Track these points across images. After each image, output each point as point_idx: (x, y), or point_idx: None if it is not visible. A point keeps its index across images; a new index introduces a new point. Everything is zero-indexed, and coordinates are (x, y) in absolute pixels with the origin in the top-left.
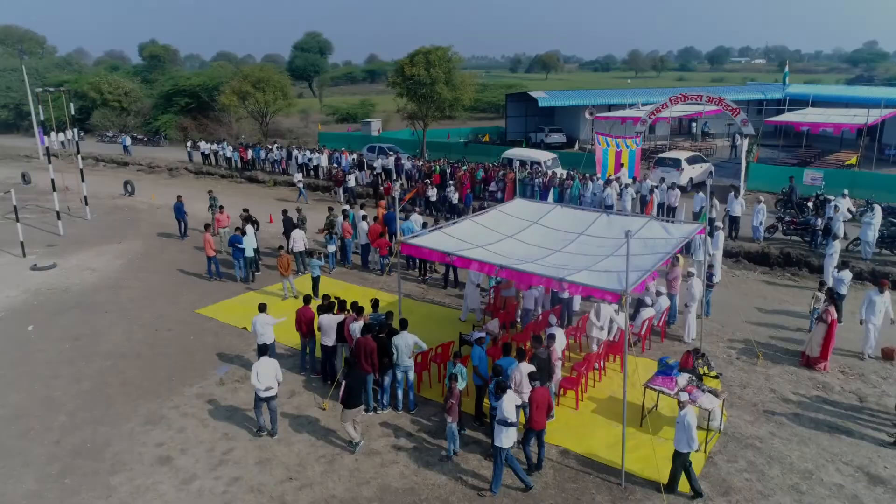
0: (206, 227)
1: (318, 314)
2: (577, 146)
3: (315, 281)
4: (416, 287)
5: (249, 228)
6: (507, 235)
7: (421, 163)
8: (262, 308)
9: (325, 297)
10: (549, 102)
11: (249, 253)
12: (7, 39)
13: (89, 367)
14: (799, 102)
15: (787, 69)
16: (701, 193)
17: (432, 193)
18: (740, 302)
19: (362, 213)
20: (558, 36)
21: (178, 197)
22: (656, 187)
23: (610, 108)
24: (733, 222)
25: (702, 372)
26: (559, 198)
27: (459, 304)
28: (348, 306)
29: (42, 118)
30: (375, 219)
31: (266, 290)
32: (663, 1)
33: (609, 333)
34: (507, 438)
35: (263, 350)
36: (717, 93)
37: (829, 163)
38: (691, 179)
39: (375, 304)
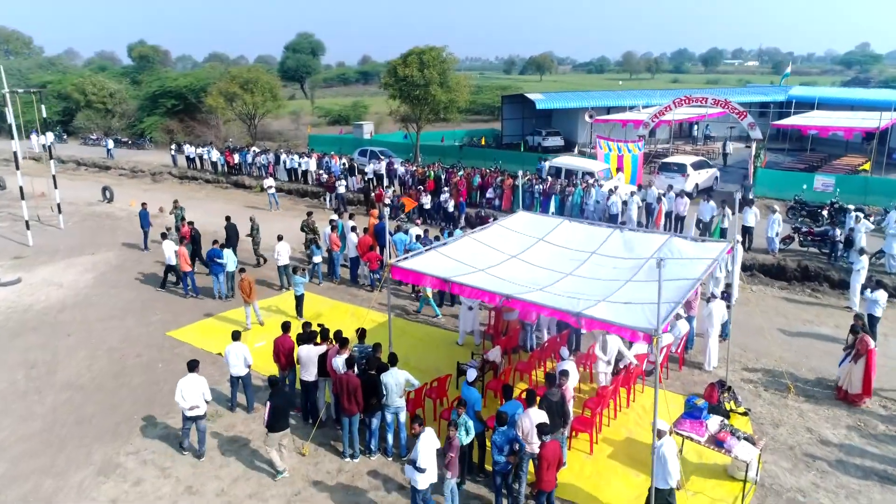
0: (182, 240)
1: (298, 344)
2: (576, 150)
3: (299, 300)
4: (408, 304)
5: (168, 244)
6: (511, 255)
7: (414, 168)
8: (236, 336)
9: (306, 324)
10: (546, 104)
11: (231, 268)
12: None
13: (42, 402)
14: (801, 105)
15: (787, 71)
16: (711, 202)
17: (426, 201)
18: (761, 322)
19: (351, 223)
20: (552, 37)
21: (143, 204)
22: (664, 195)
23: (609, 110)
24: (746, 233)
25: (728, 408)
26: (560, 206)
27: (456, 324)
28: (331, 335)
29: (14, 121)
30: (366, 230)
31: (225, 317)
32: (655, 3)
33: (620, 364)
34: (422, 480)
35: (193, 366)
36: (721, 95)
37: (837, 168)
38: (697, 185)
39: (362, 334)
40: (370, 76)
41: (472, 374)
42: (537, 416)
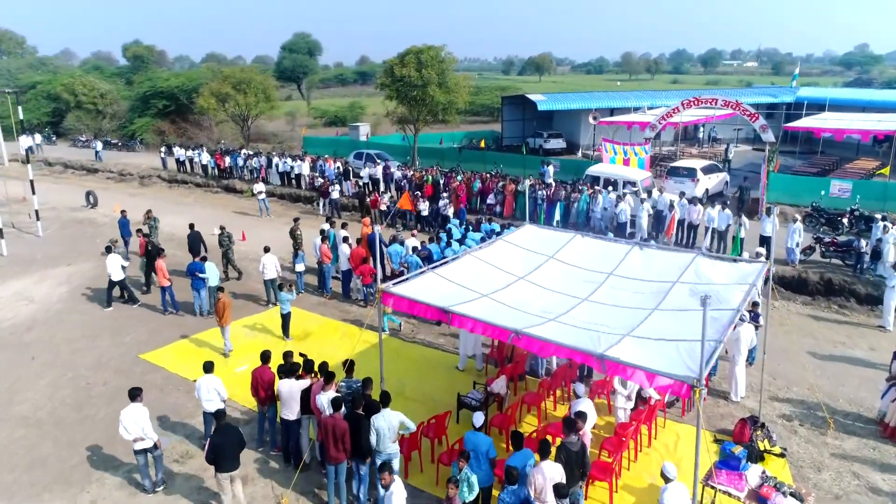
0: (160, 252)
1: (279, 376)
2: (580, 153)
3: (285, 318)
4: (404, 322)
5: (113, 258)
6: (518, 277)
7: (411, 172)
8: (209, 368)
9: (287, 354)
10: (548, 106)
11: (213, 282)
12: None
13: None
14: (811, 106)
15: (796, 72)
16: (727, 210)
17: (424, 207)
18: (787, 343)
19: (343, 233)
20: (550, 38)
21: (122, 212)
22: (676, 202)
23: (612, 112)
24: (765, 243)
25: (762, 448)
26: (565, 213)
27: (456, 344)
28: (316, 368)
29: None
30: (359, 241)
31: (202, 339)
32: (653, 3)
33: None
34: None
35: (134, 394)
36: (730, 96)
37: (851, 172)
38: (707, 191)
39: (349, 366)
40: (368, 76)
41: (479, 419)
42: (552, 470)
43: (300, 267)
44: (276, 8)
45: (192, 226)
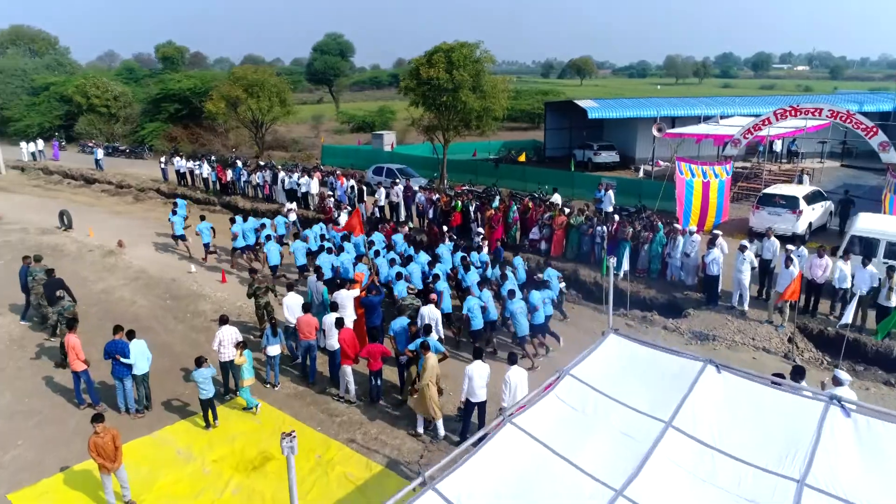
0: (71, 323)
1: None
2: (640, 172)
3: (205, 406)
4: (402, 440)
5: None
6: (615, 490)
7: (437, 196)
8: None
9: None
10: (599, 114)
11: (143, 369)
12: (17, 40)
13: None
14: None
15: None
16: (871, 266)
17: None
18: None
19: (347, 294)
20: (588, 41)
21: (24, 258)
22: (794, 253)
23: (674, 122)
24: None
25: None
26: (633, 258)
27: None
28: None
29: None
30: (339, 322)
31: (74, 470)
32: (696, 6)
33: None
34: None
35: None
36: (838, 104)
37: None
38: (810, 225)
39: None
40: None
41: None
42: None
43: (274, 350)
44: (318, 9)
45: (50, 271)
